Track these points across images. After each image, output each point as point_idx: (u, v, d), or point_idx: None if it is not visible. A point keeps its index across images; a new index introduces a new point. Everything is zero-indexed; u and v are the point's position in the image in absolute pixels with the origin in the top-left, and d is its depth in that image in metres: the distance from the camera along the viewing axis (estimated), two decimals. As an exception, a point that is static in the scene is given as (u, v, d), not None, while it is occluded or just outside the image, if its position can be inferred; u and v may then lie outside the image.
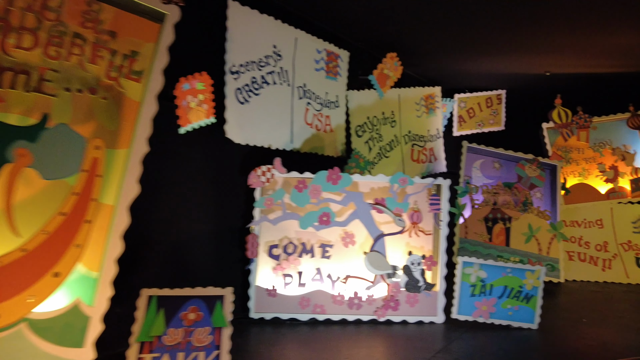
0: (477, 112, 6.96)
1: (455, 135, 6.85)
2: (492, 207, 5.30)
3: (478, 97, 6.92)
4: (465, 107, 6.90)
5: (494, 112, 6.97)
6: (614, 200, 5.85)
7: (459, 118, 6.87)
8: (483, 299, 3.67)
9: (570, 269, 5.65)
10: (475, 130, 6.95)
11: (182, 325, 2.52)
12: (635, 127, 5.92)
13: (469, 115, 6.93)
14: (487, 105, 6.97)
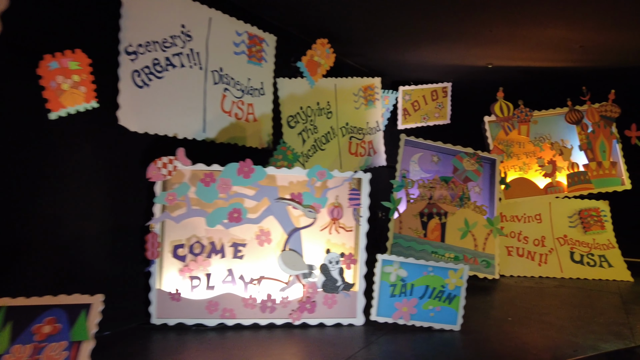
0: (423, 105, 6.77)
1: (400, 128, 6.64)
2: (428, 201, 5.10)
3: (423, 89, 6.72)
4: (410, 99, 6.69)
5: (440, 105, 6.80)
6: (552, 195, 5.78)
7: (403, 111, 6.65)
8: (403, 300, 3.43)
9: (508, 265, 5.53)
10: (420, 124, 6.76)
11: (32, 341, 2.14)
12: (573, 122, 5.84)
13: (413, 108, 6.73)
14: (433, 98, 6.79)
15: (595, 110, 5.81)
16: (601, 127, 5.81)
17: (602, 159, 5.77)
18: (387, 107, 6.30)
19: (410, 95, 6.67)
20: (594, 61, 5.62)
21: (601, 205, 5.79)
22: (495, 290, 4.82)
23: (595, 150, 5.79)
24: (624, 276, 5.40)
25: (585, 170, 5.75)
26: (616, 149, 5.81)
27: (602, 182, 5.73)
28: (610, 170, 5.75)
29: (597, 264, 5.51)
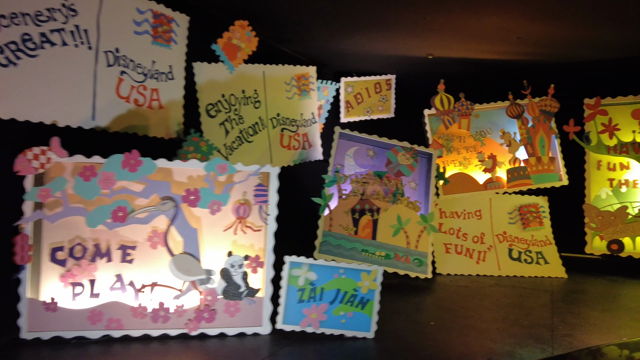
0: (366, 98, 6.47)
1: (342, 121, 6.33)
2: (361, 197, 4.80)
3: (366, 81, 6.42)
4: (352, 92, 6.38)
5: (383, 98, 6.51)
6: (492, 190, 5.59)
7: (346, 104, 6.34)
8: (312, 306, 3.11)
9: (446, 262, 5.32)
10: (364, 117, 6.47)
11: None
12: (514, 116, 5.66)
13: (356, 101, 6.43)
14: (376, 90, 6.49)
15: (536, 105, 5.64)
16: (541, 121, 5.66)
17: (541, 154, 5.62)
18: (327, 99, 5.97)
19: (352, 87, 6.35)
20: (534, 54, 5.44)
21: (540, 201, 5.65)
22: (428, 290, 4.57)
23: (534, 145, 5.64)
24: (559, 273, 5.27)
25: (525, 166, 5.60)
26: (555, 144, 5.67)
27: (540, 177, 5.59)
28: (548, 166, 5.60)
29: (534, 261, 5.36)
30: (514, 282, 4.95)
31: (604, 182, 5.60)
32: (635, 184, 5.46)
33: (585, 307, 4.02)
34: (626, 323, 3.61)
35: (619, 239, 5.35)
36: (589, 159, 5.62)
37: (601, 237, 5.42)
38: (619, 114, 5.51)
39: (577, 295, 4.47)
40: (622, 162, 5.52)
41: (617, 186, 5.53)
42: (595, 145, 5.56)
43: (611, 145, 5.50)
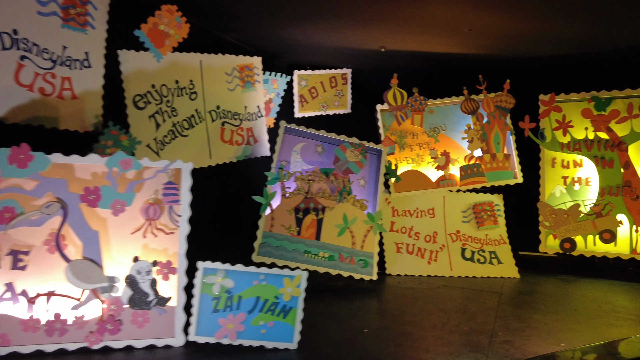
0: (321, 93, 6.20)
1: (297, 117, 6.05)
2: (305, 195, 4.53)
3: (321, 75, 6.14)
4: (306, 85, 6.10)
5: (339, 93, 6.25)
6: (445, 188, 5.40)
7: (300, 98, 6.06)
8: (229, 315, 2.82)
9: (396, 263, 5.10)
10: (319, 112, 6.20)
11: None
12: (469, 111, 5.47)
13: (311, 95, 6.15)
14: (332, 85, 6.23)
15: (491, 100, 5.47)
16: (496, 117, 5.48)
17: (496, 151, 5.45)
18: (278, 92, 5.66)
19: (306, 80, 6.08)
20: (488, 48, 5.25)
21: (495, 199, 5.48)
22: (372, 293, 4.34)
23: (489, 142, 5.46)
24: (512, 273, 5.12)
25: (479, 163, 5.42)
26: (510, 141, 5.51)
27: (495, 175, 5.41)
28: (503, 163, 5.44)
29: (487, 261, 5.19)
30: (465, 283, 4.76)
31: (558, 179, 5.47)
32: (588, 181, 5.34)
33: (531, 309, 3.85)
34: (568, 326, 3.44)
35: (571, 238, 5.22)
36: (544, 156, 5.48)
37: (554, 235, 5.29)
38: (572, 111, 5.38)
39: (525, 296, 4.30)
40: (575, 159, 5.40)
41: (571, 184, 5.40)
42: (550, 142, 5.42)
43: (565, 143, 5.37)
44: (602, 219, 5.12)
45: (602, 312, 3.81)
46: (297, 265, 4.24)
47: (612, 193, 5.13)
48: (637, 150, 5.14)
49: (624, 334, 3.32)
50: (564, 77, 5.68)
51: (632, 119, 5.09)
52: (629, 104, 5.11)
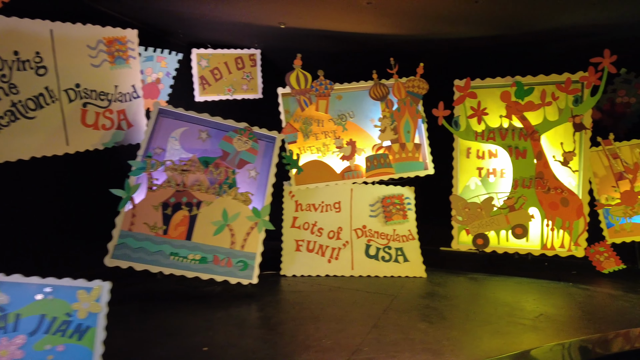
0: (226, 75, 5.56)
1: (198, 100, 5.40)
2: (177, 188, 3.91)
3: (225, 55, 5.50)
4: (208, 66, 5.44)
5: (248, 75, 5.62)
6: (350, 180, 4.90)
7: (200, 80, 5.40)
8: (2, 339, 2.20)
9: (294, 262, 4.56)
10: (225, 97, 5.55)
11: None
12: (378, 97, 4.97)
13: (214, 77, 5.49)
14: (238, 66, 5.59)
15: (402, 86, 4.99)
16: (407, 104, 5.01)
17: (406, 141, 4.99)
18: (167, 72, 4.99)
19: (207, 60, 5.42)
20: (396, 27, 4.75)
21: (406, 192, 5.02)
22: (251, 298, 3.76)
23: (399, 131, 4.98)
24: (418, 272, 4.68)
25: (387, 153, 4.94)
26: (421, 130, 5.06)
27: (403, 166, 4.94)
28: (413, 153, 4.98)
29: (392, 259, 4.73)
30: (362, 284, 4.27)
31: (473, 171, 5.06)
32: (503, 173, 4.96)
33: (419, 316, 3.38)
34: (450, 335, 2.98)
35: (484, 233, 4.83)
36: (458, 146, 5.06)
37: (467, 231, 4.90)
38: (488, 98, 4.96)
39: (421, 299, 3.84)
40: (491, 149, 5.01)
41: (486, 176, 5.02)
42: (464, 131, 5.00)
43: (479, 131, 4.96)
44: (515, 213, 4.74)
45: (495, 317, 3.39)
46: (159, 270, 3.63)
47: (525, 185, 4.76)
48: (550, 139, 4.80)
49: (508, 344, 2.89)
50: (481, 62, 5.26)
51: (545, 106, 4.73)
52: (542, 90, 4.72)
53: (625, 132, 5.20)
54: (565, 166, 4.65)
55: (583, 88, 4.64)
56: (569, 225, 4.61)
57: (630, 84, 5.23)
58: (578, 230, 4.57)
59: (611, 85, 5.27)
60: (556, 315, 3.44)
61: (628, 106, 5.27)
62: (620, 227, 4.62)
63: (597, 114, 5.30)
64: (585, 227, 4.55)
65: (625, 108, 5.29)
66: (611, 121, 5.32)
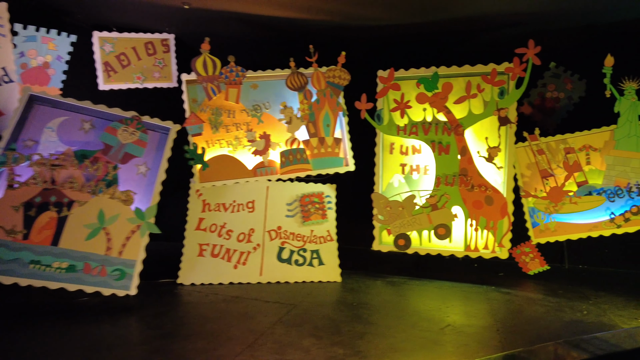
0: (134, 61, 4.98)
1: (103, 89, 4.82)
2: (45, 186, 3.37)
3: (132, 39, 4.92)
4: (113, 51, 4.86)
5: (160, 62, 5.08)
6: (264, 177, 4.45)
7: (104, 66, 4.81)
8: None
9: (195, 269, 4.07)
10: (135, 85, 4.99)
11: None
12: (295, 88, 4.55)
13: (120, 63, 4.91)
14: (149, 52, 5.03)
15: (322, 76, 4.58)
16: (327, 96, 4.60)
17: (325, 135, 4.58)
18: (58, 55, 4.40)
19: (112, 45, 4.84)
20: (315, 11, 4.35)
21: (327, 190, 4.61)
22: (129, 312, 3.24)
23: (317, 124, 4.57)
24: (333, 276, 4.28)
25: (303, 148, 4.53)
26: (342, 123, 4.67)
27: (322, 162, 4.53)
28: (333, 149, 4.58)
29: (306, 262, 4.32)
30: (266, 292, 3.82)
31: (396, 167, 4.70)
32: (427, 170, 4.64)
33: (310, 330, 2.95)
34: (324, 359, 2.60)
35: (406, 233, 4.49)
36: (381, 141, 4.69)
37: (389, 231, 4.54)
38: (412, 90, 4.63)
39: (322, 309, 3.40)
40: (415, 145, 4.68)
41: (409, 173, 4.68)
42: (386, 125, 4.64)
43: (401, 126, 4.62)
44: (437, 212, 4.42)
45: (396, 330, 3.01)
46: (13, 281, 3.09)
47: (448, 183, 4.44)
48: (475, 134, 4.50)
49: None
50: (405, 52, 4.91)
51: (470, 98, 4.42)
52: (468, 82, 4.41)
53: (555, 128, 4.97)
54: (490, 162, 4.36)
55: (509, 80, 4.36)
56: (493, 225, 4.32)
57: (560, 79, 5.00)
58: (502, 231, 4.28)
59: (541, 79, 5.03)
60: (464, 326, 3.10)
61: (557, 101, 5.04)
62: (545, 227, 4.36)
63: (528, 108, 5.07)
64: (509, 227, 4.27)
65: (555, 103, 5.05)
66: (541, 116, 5.08)
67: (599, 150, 4.27)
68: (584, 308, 3.57)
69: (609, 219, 4.16)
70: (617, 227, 4.13)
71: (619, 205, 4.14)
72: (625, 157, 4.16)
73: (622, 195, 4.14)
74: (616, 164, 4.19)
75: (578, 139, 4.35)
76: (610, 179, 4.20)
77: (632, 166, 4.15)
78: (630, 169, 4.15)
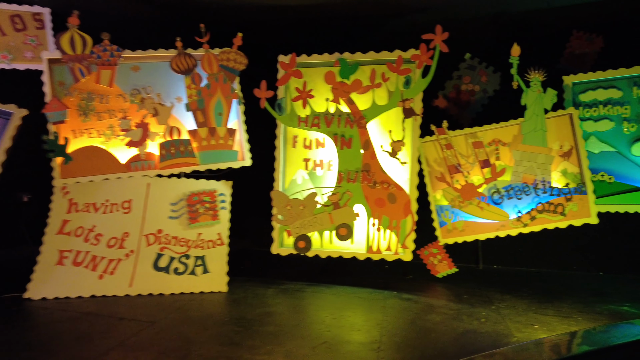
0: (-3, 37, 4.26)
1: (-45, 68, 4.05)
2: None
3: (-8, 11, 4.21)
4: (-32, 23, 4.12)
5: (33, 40, 4.34)
6: (140, 172, 3.87)
7: (-43, 40, 4.06)
8: None
9: (50, 280, 3.39)
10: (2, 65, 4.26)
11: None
12: (182, 70, 3.98)
13: (-22, 38, 4.18)
14: (17, 27, 4.28)
15: (214, 58, 4.04)
16: (220, 81, 4.06)
17: (217, 125, 4.05)
18: None
19: (-34, 16, 4.09)
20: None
21: (221, 187, 4.07)
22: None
23: (208, 112, 4.03)
24: (218, 285, 3.74)
25: (189, 139, 3.98)
26: (237, 113, 4.14)
27: (211, 155, 3.99)
28: (225, 140, 4.06)
29: (187, 271, 3.75)
30: (128, 307, 3.19)
31: (299, 162, 4.25)
32: (330, 165, 4.22)
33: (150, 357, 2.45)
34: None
35: (306, 235, 4.04)
36: (282, 133, 4.21)
37: (289, 232, 4.08)
38: (315, 77, 4.17)
39: (184, 328, 2.83)
40: (319, 138, 4.22)
41: (313, 168, 4.24)
42: (287, 116, 4.17)
43: (303, 117, 4.16)
44: (339, 211, 4.00)
45: (257, 353, 2.53)
46: None
47: (350, 179, 4.03)
48: (378, 127, 4.12)
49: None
50: (308, 35, 4.47)
51: (374, 88, 4.03)
52: (372, 70, 4.01)
53: (470, 122, 4.70)
54: (393, 157, 3.99)
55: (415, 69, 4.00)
56: (396, 224, 3.95)
57: (475, 71, 4.72)
58: (405, 231, 3.92)
59: (457, 71, 4.74)
60: (341, 343, 2.66)
61: (473, 94, 4.77)
62: (453, 226, 4.04)
63: (443, 102, 4.76)
64: (413, 227, 3.91)
65: (470, 96, 4.78)
66: (457, 110, 4.80)
67: (508, 145, 4.01)
68: (483, 315, 3.25)
69: (515, 218, 3.90)
70: (524, 225, 3.87)
71: (526, 202, 3.89)
72: (532, 152, 3.91)
73: (528, 192, 3.90)
74: (523, 160, 3.93)
75: (488, 132, 4.06)
76: (518, 175, 3.94)
77: (538, 162, 3.90)
78: (537, 164, 3.91)
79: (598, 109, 3.99)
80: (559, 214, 3.81)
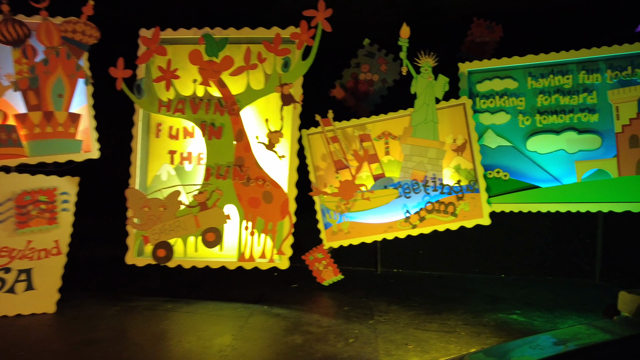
0: None
1: None
2: None
3: None
4: None
5: None
6: (-53, 165, 3.08)
7: None
8: None
9: None
10: None
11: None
12: (9, 41, 3.18)
13: None
14: None
15: (55, 28, 3.30)
16: (62, 56, 3.31)
17: (55, 109, 3.31)
18: None
19: None
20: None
21: (63, 184, 3.30)
22: None
23: (43, 93, 3.27)
24: (43, 306, 2.95)
25: (14, 125, 3.23)
26: (84, 95, 3.42)
27: (45, 145, 3.24)
28: (66, 128, 3.32)
29: (4, 288, 2.99)
30: None
31: (164, 155, 3.60)
32: (201, 158, 3.61)
33: None
34: None
35: (167, 241, 3.40)
36: (140, 120, 3.51)
37: (146, 238, 3.42)
38: (181, 55, 3.53)
39: None
40: (187, 127, 3.62)
41: (180, 162, 3.61)
42: (147, 100, 3.51)
43: (165, 100, 3.52)
44: (207, 212, 3.39)
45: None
46: None
47: (220, 175, 3.43)
48: (256, 115, 3.56)
49: None
50: (174, 7, 3.83)
51: (249, 70, 3.45)
52: (247, 49, 3.43)
53: (368, 115, 4.25)
54: (270, 150, 3.43)
55: (295, 50, 3.47)
56: (272, 227, 3.40)
57: (374, 58, 4.28)
58: (282, 234, 3.38)
59: (355, 58, 4.28)
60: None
61: (371, 84, 4.32)
62: (338, 228, 3.55)
63: (340, 92, 4.26)
64: (290, 230, 3.37)
65: (368, 86, 4.34)
66: (354, 101, 4.33)
67: (398, 138, 3.58)
68: (355, 334, 2.76)
69: (404, 219, 3.47)
70: (412, 227, 3.45)
71: (415, 201, 3.47)
72: (422, 146, 3.50)
73: (418, 190, 3.48)
74: (413, 154, 3.51)
75: (377, 124, 3.61)
76: (407, 171, 3.51)
77: (429, 157, 3.50)
78: (427, 159, 3.50)
79: (495, 100, 3.65)
80: (449, 214, 3.42)
